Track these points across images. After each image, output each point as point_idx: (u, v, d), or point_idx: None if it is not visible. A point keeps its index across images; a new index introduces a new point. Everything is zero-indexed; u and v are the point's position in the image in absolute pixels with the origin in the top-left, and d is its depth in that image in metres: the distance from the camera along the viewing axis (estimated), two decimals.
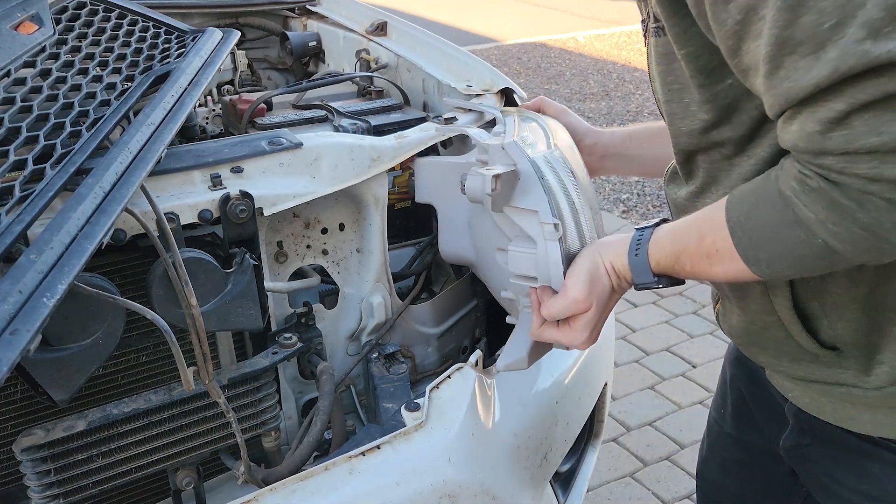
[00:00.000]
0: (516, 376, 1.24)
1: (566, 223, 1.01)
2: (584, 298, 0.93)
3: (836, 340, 0.85)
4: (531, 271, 1.03)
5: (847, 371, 0.85)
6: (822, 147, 0.64)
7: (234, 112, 1.48)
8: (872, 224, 0.65)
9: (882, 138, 0.61)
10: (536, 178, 1.01)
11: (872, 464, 0.88)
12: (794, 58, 0.63)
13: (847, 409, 0.87)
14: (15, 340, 0.68)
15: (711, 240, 0.79)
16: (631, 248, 0.90)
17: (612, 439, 2.39)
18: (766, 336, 0.91)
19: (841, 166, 0.64)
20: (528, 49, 7.23)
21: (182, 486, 1.14)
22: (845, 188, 0.65)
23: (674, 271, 0.87)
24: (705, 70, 0.79)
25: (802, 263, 0.73)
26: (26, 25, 1.26)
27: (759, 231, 0.74)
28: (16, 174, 0.91)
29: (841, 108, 0.61)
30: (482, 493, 1.08)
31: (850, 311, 0.82)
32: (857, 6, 0.59)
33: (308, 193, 1.15)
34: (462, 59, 1.57)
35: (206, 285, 1.02)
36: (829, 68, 0.60)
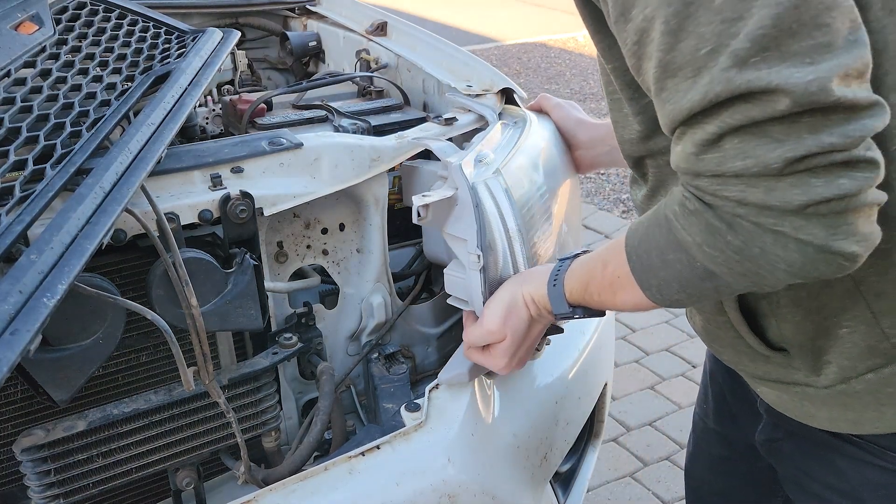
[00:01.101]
0: (517, 377, 1.24)
1: (497, 251, 1.03)
2: (497, 329, 0.97)
3: (782, 341, 0.86)
4: (462, 294, 1.07)
5: (798, 371, 0.86)
6: (696, 168, 0.66)
7: (234, 112, 1.48)
8: (742, 247, 0.66)
9: (746, 163, 0.62)
10: (472, 206, 1.03)
11: (839, 458, 0.90)
12: (676, 80, 0.65)
13: (805, 406, 0.89)
14: (15, 340, 0.68)
15: (613, 267, 0.81)
16: (550, 278, 0.92)
17: (612, 439, 2.39)
18: (720, 335, 0.92)
19: (713, 188, 0.65)
20: (528, 49, 7.23)
21: (182, 486, 1.14)
22: (718, 210, 0.66)
23: (585, 301, 0.89)
24: (632, 85, 0.80)
25: (689, 288, 0.74)
26: (26, 25, 1.26)
27: (649, 255, 0.75)
28: (16, 174, 0.91)
29: (713, 130, 0.63)
30: (482, 493, 1.08)
31: (792, 313, 0.83)
32: (732, 35, 0.61)
33: (308, 193, 1.15)
34: (462, 59, 1.57)
35: (206, 285, 1.02)
36: (700, 93, 0.63)
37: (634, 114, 0.83)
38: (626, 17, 0.68)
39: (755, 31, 0.60)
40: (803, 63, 0.59)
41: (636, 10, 0.66)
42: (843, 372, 0.82)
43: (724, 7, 0.61)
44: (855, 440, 0.87)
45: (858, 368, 0.82)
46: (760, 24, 0.60)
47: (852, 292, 0.79)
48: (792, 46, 0.60)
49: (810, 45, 0.59)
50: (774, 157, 0.61)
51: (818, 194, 0.61)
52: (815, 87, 0.59)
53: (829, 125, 0.60)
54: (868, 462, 0.87)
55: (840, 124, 0.60)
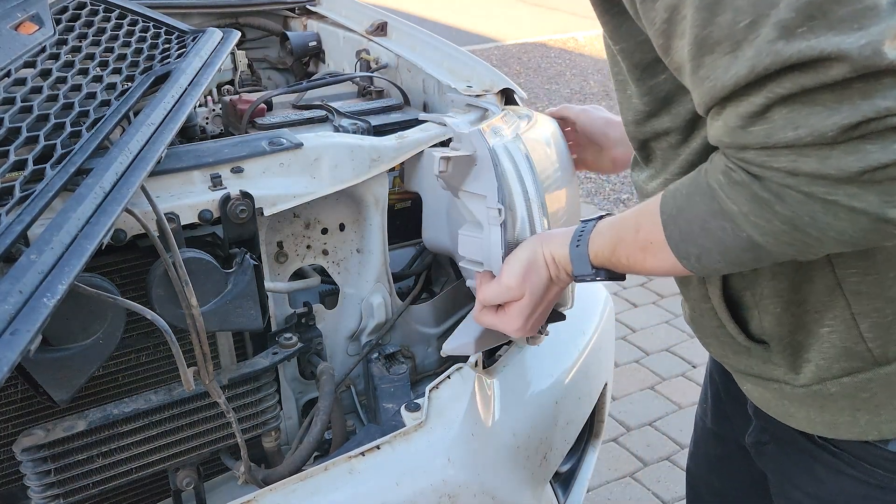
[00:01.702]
0: (517, 376, 1.24)
1: (516, 211, 1.02)
2: (516, 286, 0.94)
3: (763, 334, 0.85)
4: (477, 255, 1.04)
5: (778, 367, 0.86)
6: (743, 141, 0.65)
7: (234, 112, 1.48)
8: (792, 217, 0.65)
9: (798, 132, 0.61)
10: (490, 165, 1.02)
11: (818, 466, 0.89)
12: (714, 56, 0.64)
13: (785, 404, 0.88)
14: (15, 340, 0.68)
15: (646, 233, 0.80)
16: (573, 239, 0.90)
17: (612, 439, 2.39)
18: (705, 325, 0.92)
19: (761, 160, 0.64)
20: (528, 49, 7.23)
21: (182, 486, 1.14)
22: (765, 182, 0.66)
23: (611, 264, 0.87)
24: (640, 65, 0.80)
25: (730, 257, 0.73)
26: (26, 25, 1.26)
27: (690, 224, 0.74)
28: (16, 174, 0.91)
29: (760, 101, 0.62)
30: (482, 493, 1.08)
31: (773, 304, 0.82)
32: (771, 5, 0.60)
33: (308, 194, 1.15)
34: (462, 59, 1.57)
35: (206, 285, 1.02)
36: (746, 67, 0.61)
37: (640, 94, 0.82)
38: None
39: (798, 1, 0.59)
40: (852, 29, 0.58)
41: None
42: (819, 372, 0.82)
43: None
44: (832, 449, 0.87)
45: (834, 370, 0.81)
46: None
47: (833, 290, 0.79)
48: (838, 13, 0.58)
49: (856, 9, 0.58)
50: (829, 125, 0.60)
51: (875, 160, 0.60)
52: (868, 51, 0.58)
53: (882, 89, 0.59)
54: (844, 472, 0.87)
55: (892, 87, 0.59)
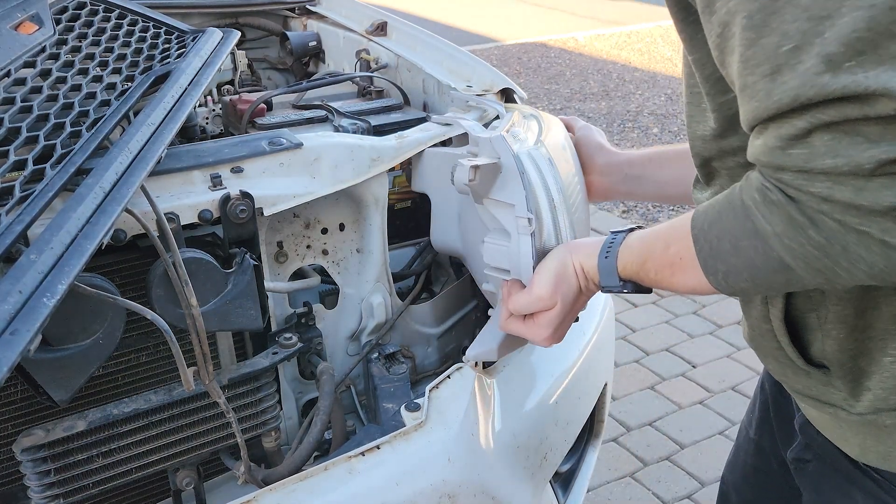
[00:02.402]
0: (517, 376, 1.24)
1: (543, 219, 1.02)
2: (548, 296, 0.93)
3: (824, 358, 0.84)
4: (504, 264, 1.04)
5: (838, 392, 0.84)
6: (781, 162, 0.65)
7: (234, 112, 1.48)
8: (825, 244, 0.65)
9: (836, 161, 0.61)
10: (517, 172, 1.02)
11: (858, 492, 0.88)
12: (755, 78, 0.64)
13: (842, 428, 0.87)
14: (15, 340, 0.68)
15: (676, 248, 0.80)
16: (602, 250, 0.90)
17: (612, 439, 2.39)
18: (763, 344, 0.91)
19: (798, 183, 0.64)
20: (528, 49, 7.23)
21: (182, 486, 1.14)
22: (801, 205, 0.65)
23: (639, 277, 0.87)
24: (711, 79, 0.79)
25: (758, 278, 0.73)
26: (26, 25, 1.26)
27: (720, 241, 0.74)
28: (16, 174, 0.91)
29: (803, 125, 0.62)
30: (482, 493, 1.08)
31: (836, 329, 0.81)
32: (818, 34, 0.59)
33: (308, 193, 1.15)
34: (462, 59, 1.57)
35: (206, 285, 1.02)
36: (790, 95, 0.61)
37: (712, 110, 0.81)
38: (711, 8, 0.66)
39: (848, 34, 0.58)
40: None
41: (720, 3, 0.65)
42: (876, 402, 0.81)
43: (812, 4, 0.59)
44: (876, 477, 0.85)
45: (891, 402, 0.80)
46: (854, 26, 0.58)
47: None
48: (891, 48, 0.58)
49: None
50: (867, 158, 0.60)
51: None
52: None
53: None
54: (883, 500, 0.85)
55: None
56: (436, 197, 1.31)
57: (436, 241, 1.35)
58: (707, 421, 2.47)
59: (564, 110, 5.48)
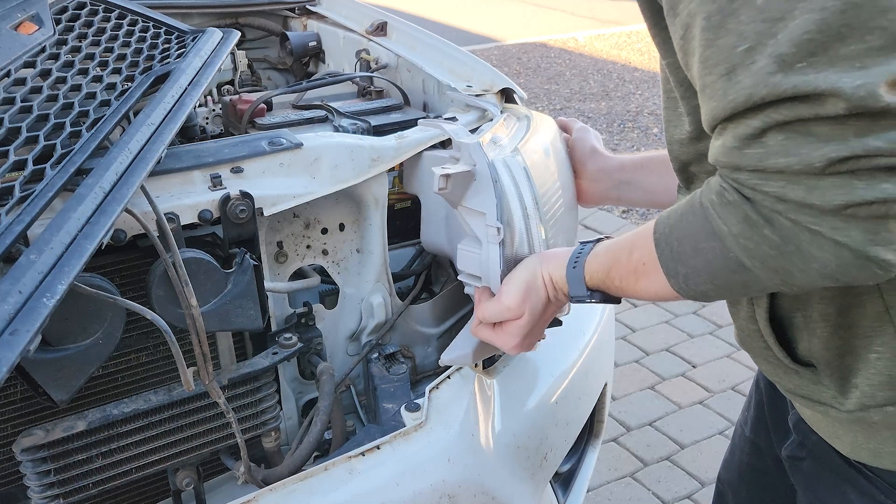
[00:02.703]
0: (517, 376, 1.24)
1: (515, 228, 1.03)
2: (516, 307, 0.95)
3: (811, 357, 0.85)
4: (476, 270, 1.05)
5: (827, 390, 0.85)
6: (738, 162, 0.65)
7: (234, 112, 1.48)
8: (779, 243, 0.66)
9: (789, 160, 0.62)
10: (490, 181, 1.02)
11: (851, 490, 0.88)
12: (712, 78, 0.65)
13: (833, 426, 0.88)
14: (15, 341, 0.68)
15: (640, 254, 0.80)
16: (570, 260, 0.91)
17: (612, 439, 2.39)
18: (752, 345, 0.91)
19: (753, 182, 0.65)
20: (528, 49, 7.23)
21: (182, 487, 1.14)
22: (756, 204, 0.66)
23: (605, 286, 0.88)
24: (685, 83, 0.80)
25: (717, 279, 0.74)
26: (26, 25, 1.26)
27: (681, 244, 0.75)
28: (16, 174, 0.91)
29: (757, 125, 0.63)
30: (482, 493, 1.08)
31: (821, 327, 0.82)
32: (771, 35, 0.60)
33: (308, 194, 1.15)
34: (462, 59, 1.57)
35: (206, 285, 1.02)
36: (744, 95, 0.62)
37: (686, 113, 0.82)
38: (675, 11, 0.68)
39: (800, 36, 0.59)
40: (853, 67, 0.58)
41: (682, 6, 0.67)
42: (864, 398, 0.81)
43: (766, 6, 0.60)
44: (868, 475, 0.86)
45: (878, 398, 0.80)
46: (805, 28, 0.59)
47: (882, 316, 0.78)
48: (840, 51, 0.59)
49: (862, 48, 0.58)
50: (818, 156, 0.61)
51: (859, 196, 0.61)
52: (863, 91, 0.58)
53: (877, 130, 0.59)
54: (877, 500, 0.86)
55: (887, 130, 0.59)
56: (426, 198, 1.32)
57: (425, 241, 1.36)
58: (707, 421, 2.47)
59: (564, 110, 5.48)
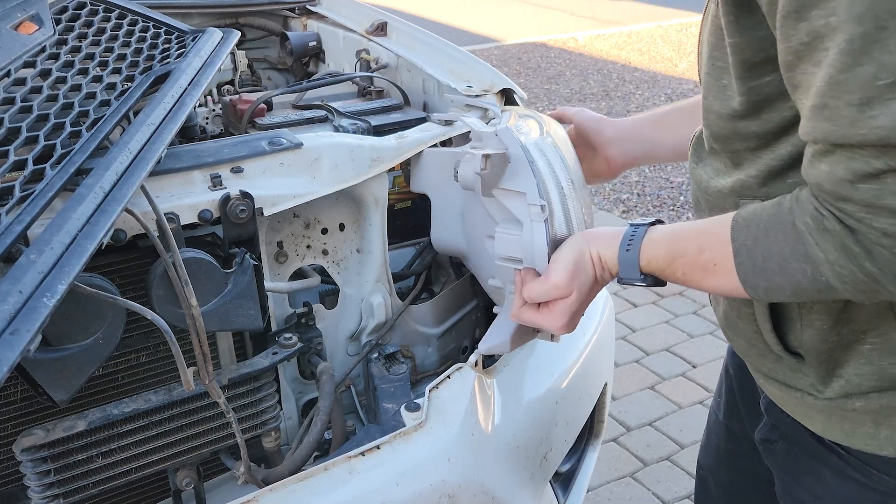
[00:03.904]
0: (517, 376, 1.24)
1: (554, 207, 1.02)
2: (565, 284, 0.93)
3: (801, 347, 0.85)
4: (517, 253, 1.03)
5: (806, 377, 0.86)
6: (848, 194, 0.65)
7: (234, 112, 1.48)
8: (877, 273, 0.66)
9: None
10: (526, 162, 1.02)
11: (825, 469, 0.89)
12: (840, 103, 0.63)
13: (806, 406, 0.89)
14: (15, 340, 0.68)
15: (711, 255, 0.79)
16: (623, 242, 0.89)
17: (612, 439, 2.39)
18: (740, 325, 0.92)
19: (860, 216, 0.65)
20: (528, 49, 7.23)
21: (182, 486, 1.14)
22: (859, 235, 0.66)
23: (663, 274, 0.87)
24: (746, 63, 0.77)
25: (800, 294, 0.74)
26: (26, 25, 1.26)
27: (766, 260, 0.74)
28: (16, 174, 0.91)
29: (879, 166, 0.62)
30: (482, 493, 1.08)
31: (820, 320, 0.82)
32: None
33: (308, 193, 1.15)
34: (462, 59, 1.57)
35: (206, 285, 1.02)
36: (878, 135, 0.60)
37: (738, 92, 0.80)
38: (803, 15, 0.64)
39: None
40: None
41: (816, 13, 0.63)
42: (848, 387, 0.82)
43: None
44: (842, 453, 0.87)
45: (864, 387, 0.81)
46: None
47: (884, 311, 0.79)
48: None
49: None
50: None
51: None
52: None
53: None
54: (852, 478, 0.87)
55: None
56: (436, 197, 1.31)
57: (436, 241, 1.34)
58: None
59: None
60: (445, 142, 1.42)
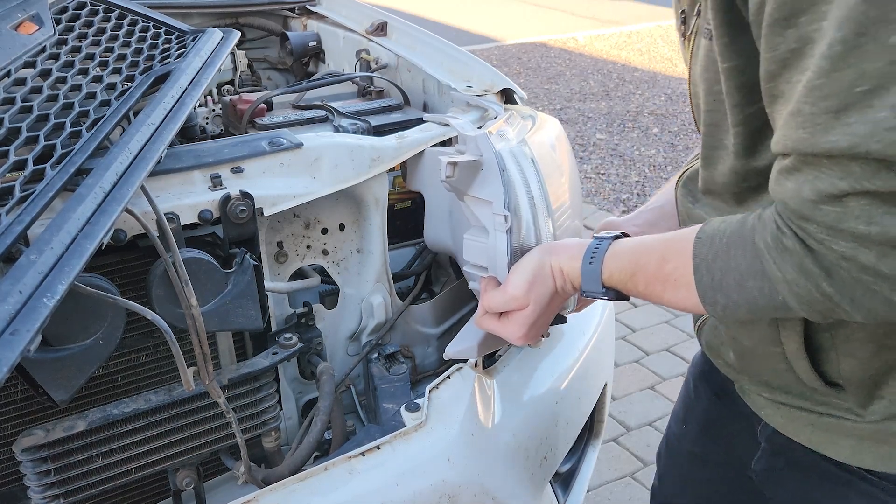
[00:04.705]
0: (517, 376, 1.24)
1: (522, 217, 1.02)
2: (522, 295, 0.92)
3: (840, 377, 0.82)
4: (482, 260, 1.04)
5: (843, 402, 0.83)
6: (810, 215, 0.63)
7: (234, 112, 1.48)
8: (833, 294, 0.65)
9: (870, 228, 0.60)
10: (497, 170, 1.02)
11: (852, 493, 0.87)
12: (815, 109, 0.60)
13: (830, 434, 0.86)
14: (15, 340, 0.68)
15: (673, 267, 0.78)
16: (586, 255, 0.88)
17: (612, 439, 2.39)
18: (763, 366, 0.88)
19: (821, 237, 0.63)
20: (528, 49, 7.23)
21: (182, 486, 1.14)
22: (819, 256, 0.64)
23: (625, 287, 0.86)
24: (742, 89, 0.75)
25: (756, 313, 0.73)
26: (26, 25, 1.26)
27: (724, 276, 0.73)
28: (16, 174, 0.91)
29: (843, 187, 0.60)
30: (482, 493, 1.08)
31: (863, 349, 0.80)
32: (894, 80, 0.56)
33: (308, 194, 1.15)
34: (462, 59, 1.57)
35: (206, 285, 1.02)
36: (849, 142, 0.58)
37: (734, 124, 0.77)
38: (792, 21, 0.61)
39: None
40: None
41: (805, 18, 0.60)
42: (892, 407, 0.80)
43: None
44: (871, 478, 0.84)
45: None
46: None
47: None
48: None
49: None
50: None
51: None
52: None
53: None
54: (881, 500, 0.84)
55: None
56: (429, 195, 1.32)
57: (429, 238, 1.35)
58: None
59: (564, 110, 5.48)
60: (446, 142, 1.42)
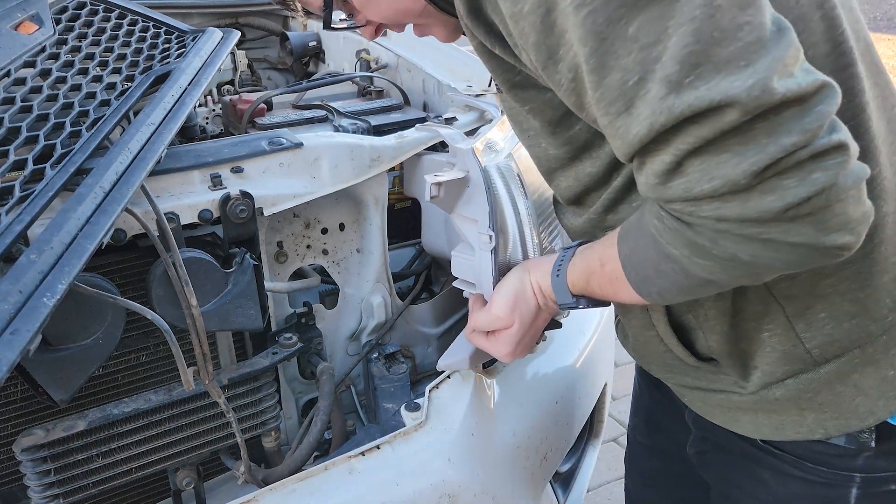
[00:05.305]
0: (517, 377, 1.24)
1: (508, 235, 1.02)
2: (506, 316, 0.95)
3: (711, 352, 0.86)
4: (470, 277, 1.05)
5: (728, 377, 0.86)
6: (665, 195, 0.65)
7: (234, 112, 1.48)
8: (733, 256, 0.65)
9: (713, 184, 0.61)
10: (483, 188, 1.02)
11: (763, 470, 0.90)
12: (611, 118, 0.64)
13: (731, 411, 0.89)
14: (15, 340, 0.68)
15: (611, 268, 0.81)
16: (553, 268, 0.90)
17: (612, 439, 2.39)
18: (650, 351, 0.92)
19: (688, 210, 0.64)
20: None
21: (182, 486, 1.14)
22: (697, 228, 0.65)
23: (592, 293, 0.87)
24: (553, 121, 0.81)
25: (689, 292, 0.74)
26: (26, 25, 1.26)
27: (643, 267, 0.75)
28: (16, 174, 0.91)
29: (669, 159, 0.62)
30: (482, 492, 1.08)
31: (720, 323, 0.83)
32: (655, 60, 0.60)
33: (308, 193, 1.15)
34: (462, 59, 1.57)
35: (206, 285, 1.02)
36: (645, 126, 0.61)
37: (558, 146, 0.83)
38: (555, 58, 0.67)
39: (680, 51, 0.58)
40: (739, 67, 0.57)
41: (563, 50, 0.65)
42: (764, 377, 0.83)
43: (639, 34, 0.60)
44: (775, 452, 0.88)
45: (778, 374, 0.82)
46: (682, 42, 0.58)
47: (766, 297, 0.80)
48: (721, 54, 0.58)
49: (739, 47, 0.58)
50: (740, 173, 0.59)
51: (795, 196, 0.59)
52: (757, 90, 0.57)
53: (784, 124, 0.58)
54: (790, 474, 0.88)
55: (794, 120, 0.58)
56: (425, 202, 1.32)
57: (426, 243, 1.36)
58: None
59: None
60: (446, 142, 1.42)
